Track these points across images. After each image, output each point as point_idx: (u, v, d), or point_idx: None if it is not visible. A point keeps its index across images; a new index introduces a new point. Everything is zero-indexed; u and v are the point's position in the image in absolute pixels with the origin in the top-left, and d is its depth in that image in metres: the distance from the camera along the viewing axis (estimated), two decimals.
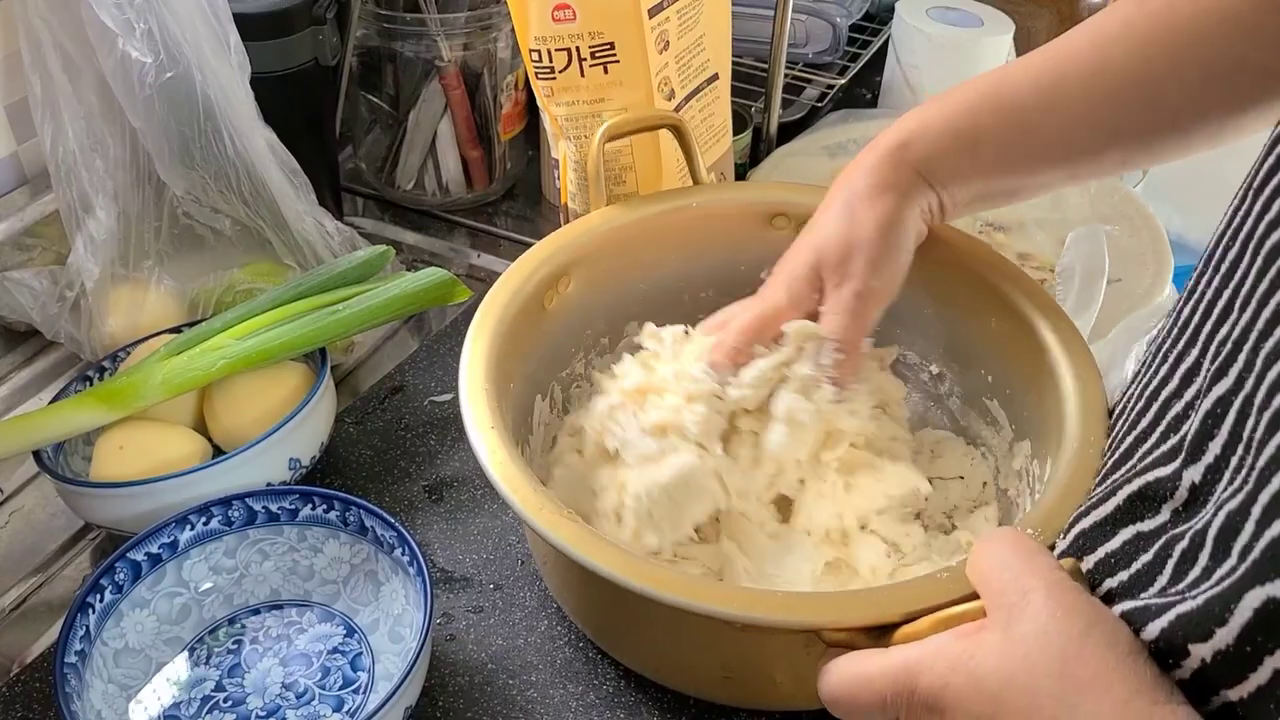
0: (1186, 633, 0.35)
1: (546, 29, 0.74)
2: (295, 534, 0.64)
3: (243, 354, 0.69)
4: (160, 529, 0.61)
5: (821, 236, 0.62)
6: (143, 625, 0.61)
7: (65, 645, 0.56)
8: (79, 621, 0.57)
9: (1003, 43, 1.05)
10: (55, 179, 0.75)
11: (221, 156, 0.76)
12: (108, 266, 0.77)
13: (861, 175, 0.61)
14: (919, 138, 0.60)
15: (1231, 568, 0.34)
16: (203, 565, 0.63)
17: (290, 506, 0.64)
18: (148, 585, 0.61)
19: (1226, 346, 0.39)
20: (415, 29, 0.93)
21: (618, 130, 0.73)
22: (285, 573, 0.65)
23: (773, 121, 1.02)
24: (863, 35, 1.22)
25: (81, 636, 0.57)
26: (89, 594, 0.58)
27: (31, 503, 0.74)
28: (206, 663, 0.61)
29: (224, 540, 0.64)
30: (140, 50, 0.70)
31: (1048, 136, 0.57)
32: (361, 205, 1.05)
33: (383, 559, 0.63)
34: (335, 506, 0.63)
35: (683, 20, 0.78)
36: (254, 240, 0.81)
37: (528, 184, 1.07)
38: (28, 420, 0.67)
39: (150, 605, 0.61)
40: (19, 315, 0.79)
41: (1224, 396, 0.37)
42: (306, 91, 0.89)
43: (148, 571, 0.61)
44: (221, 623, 0.63)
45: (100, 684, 0.58)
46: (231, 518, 0.63)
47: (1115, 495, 0.43)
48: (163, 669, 0.60)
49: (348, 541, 0.64)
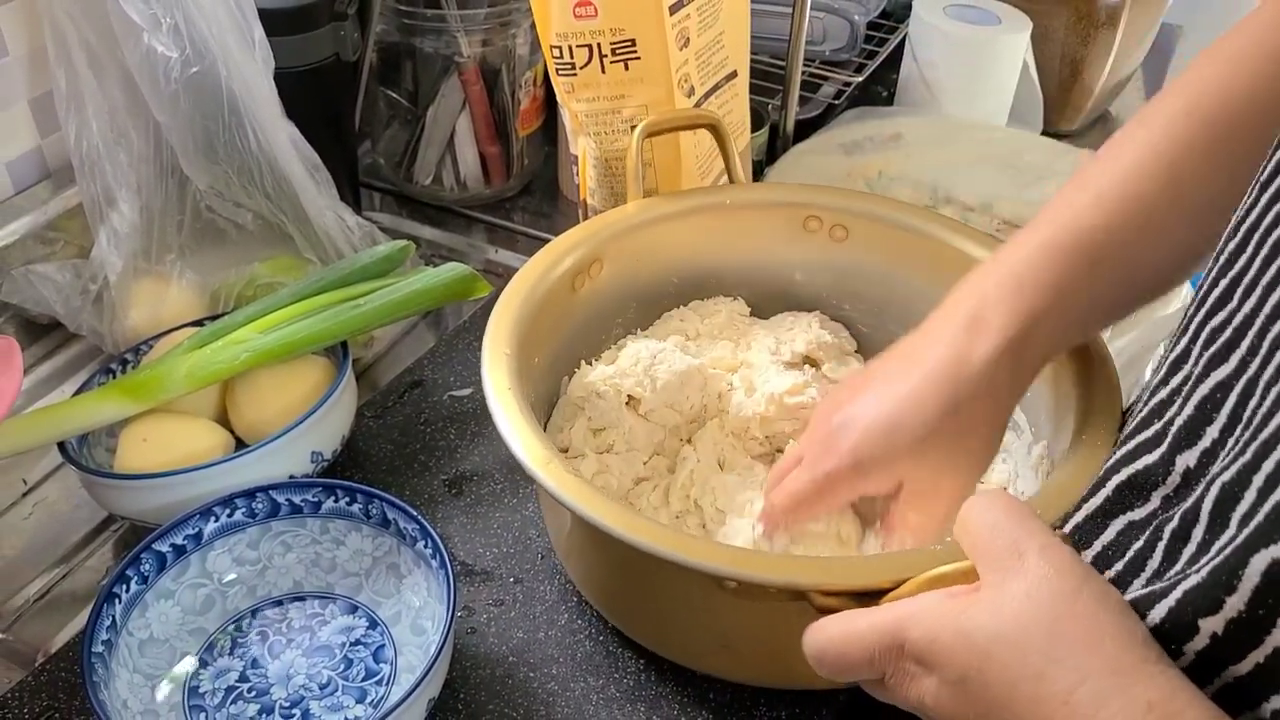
0: (1196, 607, 0.35)
1: (568, 25, 0.74)
2: (318, 526, 0.65)
3: (265, 347, 0.69)
4: (185, 520, 0.62)
5: (917, 421, 0.53)
6: (167, 616, 0.61)
7: (92, 635, 0.56)
8: (105, 611, 0.58)
9: (1020, 41, 1.05)
10: (79, 173, 0.76)
11: (245, 151, 0.76)
12: (130, 260, 0.77)
13: (981, 375, 0.52)
14: (1043, 323, 0.52)
15: (1231, 537, 0.34)
16: (226, 557, 0.64)
17: (313, 499, 0.64)
18: (172, 576, 0.62)
19: (1225, 333, 0.39)
20: (435, 25, 0.93)
21: (656, 128, 0.74)
22: (308, 565, 0.65)
23: (790, 119, 1.02)
24: (880, 33, 1.22)
25: (108, 626, 0.58)
26: (115, 584, 0.59)
27: (55, 494, 0.75)
28: (230, 653, 0.61)
29: (247, 532, 0.64)
30: (166, 45, 0.71)
31: (1149, 280, 0.55)
32: (380, 200, 1.05)
33: (405, 551, 0.63)
34: (358, 499, 0.63)
35: (703, 17, 0.79)
36: (275, 235, 0.81)
37: (545, 180, 1.07)
38: (52, 412, 0.67)
39: (175, 596, 0.62)
40: (43, 308, 0.80)
41: (1224, 382, 0.37)
42: (327, 87, 0.89)
43: (172, 562, 0.62)
44: (245, 614, 0.63)
45: (126, 673, 0.58)
46: (255, 510, 0.64)
47: (1104, 486, 0.43)
48: (186, 659, 0.61)
49: (370, 534, 0.64)
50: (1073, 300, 0.53)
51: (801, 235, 0.73)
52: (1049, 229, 0.53)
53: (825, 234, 0.71)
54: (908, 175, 1.01)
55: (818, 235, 0.72)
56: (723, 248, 0.75)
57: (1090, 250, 0.52)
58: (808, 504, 0.57)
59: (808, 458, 0.56)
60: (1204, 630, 0.35)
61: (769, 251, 0.75)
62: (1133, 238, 0.52)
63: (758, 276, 0.75)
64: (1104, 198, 0.52)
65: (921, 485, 0.54)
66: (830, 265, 0.74)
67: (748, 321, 0.75)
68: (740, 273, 0.76)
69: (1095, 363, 0.60)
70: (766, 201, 0.75)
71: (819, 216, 0.73)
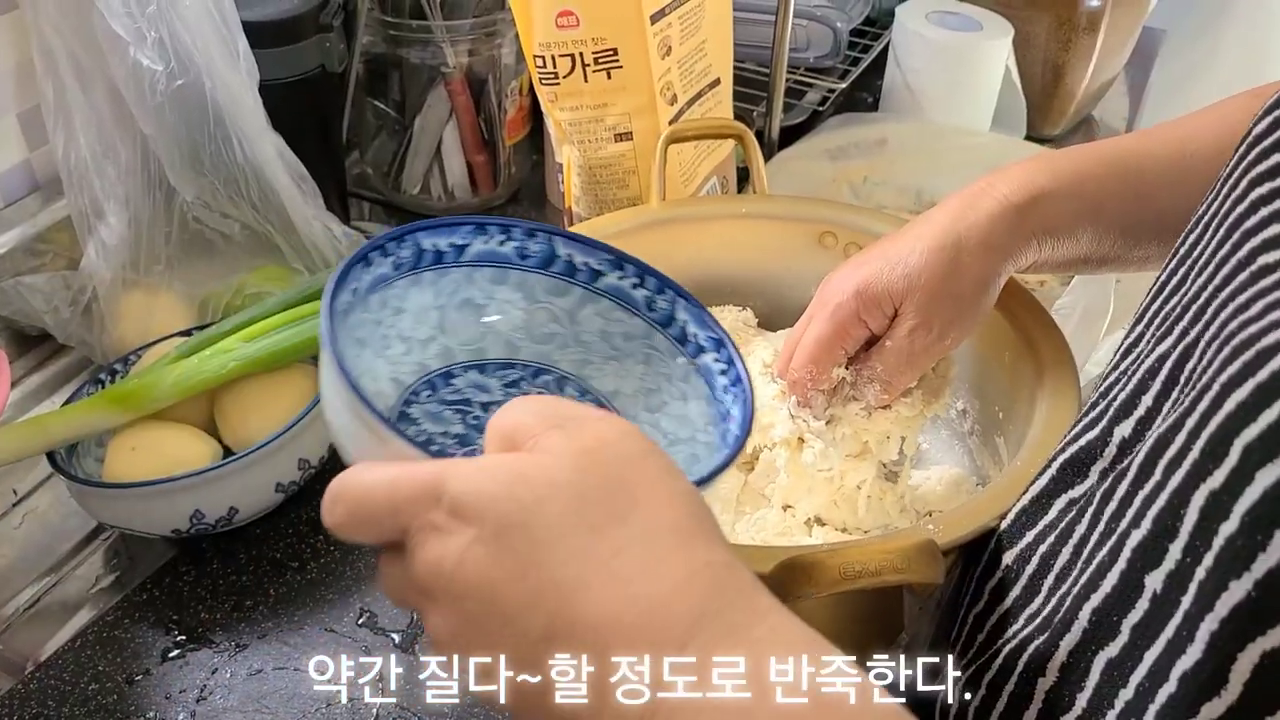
0: (1145, 564, 0.35)
1: (550, 35, 0.75)
2: (643, 329, 0.53)
3: (252, 356, 0.70)
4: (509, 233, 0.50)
5: (913, 268, 0.58)
6: (424, 315, 0.50)
7: (344, 275, 0.44)
8: (375, 259, 0.47)
9: (1002, 46, 1.06)
10: (67, 185, 0.76)
11: (231, 163, 0.77)
12: (119, 271, 0.78)
13: (977, 226, 0.57)
14: (1047, 199, 0.57)
15: (1158, 483, 0.34)
16: (518, 294, 0.52)
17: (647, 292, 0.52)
18: (460, 279, 0.51)
19: (1175, 313, 0.40)
20: (421, 36, 0.94)
21: (680, 135, 0.74)
22: (603, 360, 0.53)
23: (774, 126, 1.03)
24: (863, 39, 1.23)
25: (368, 283, 0.47)
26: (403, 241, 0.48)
27: (45, 504, 0.75)
28: (451, 384, 0.50)
29: (572, 295, 0.52)
30: (151, 58, 0.71)
31: (1166, 209, 0.56)
32: (368, 210, 1.06)
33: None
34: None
35: (685, 26, 0.80)
36: (263, 245, 0.82)
37: (532, 188, 1.08)
38: (41, 422, 0.68)
39: (440, 303, 0.51)
40: (32, 319, 0.80)
41: (1163, 353, 0.38)
42: (314, 98, 0.90)
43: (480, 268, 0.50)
44: (495, 367, 0.52)
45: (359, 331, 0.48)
46: (576, 274, 0.52)
47: (1049, 468, 0.44)
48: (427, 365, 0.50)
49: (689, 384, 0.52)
50: (1082, 190, 0.56)
51: (817, 250, 0.73)
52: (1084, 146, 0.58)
53: (840, 250, 0.72)
54: (892, 180, 1.02)
55: (833, 251, 0.72)
56: (737, 257, 0.75)
57: (1114, 158, 0.56)
58: (823, 349, 0.60)
59: (816, 313, 0.61)
60: (1148, 587, 0.35)
61: (783, 264, 0.75)
62: (1163, 164, 0.55)
63: (772, 288, 0.75)
64: (1148, 133, 0.57)
65: (913, 319, 0.59)
66: None
67: (752, 332, 0.75)
68: (754, 283, 0.76)
69: (1052, 350, 0.60)
70: (783, 214, 0.75)
71: (834, 233, 0.73)
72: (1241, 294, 0.35)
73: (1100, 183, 0.57)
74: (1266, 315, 0.33)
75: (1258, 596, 0.30)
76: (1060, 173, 0.57)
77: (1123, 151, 0.57)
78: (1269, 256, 0.35)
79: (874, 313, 0.60)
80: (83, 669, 0.64)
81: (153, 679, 0.63)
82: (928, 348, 0.60)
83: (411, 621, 0.66)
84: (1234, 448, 0.31)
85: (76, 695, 0.62)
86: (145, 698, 0.62)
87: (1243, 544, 0.30)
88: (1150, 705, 0.34)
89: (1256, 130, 0.40)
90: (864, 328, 0.60)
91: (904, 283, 0.58)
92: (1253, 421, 0.31)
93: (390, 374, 0.49)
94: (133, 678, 0.63)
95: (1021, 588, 0.45)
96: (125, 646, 0.65)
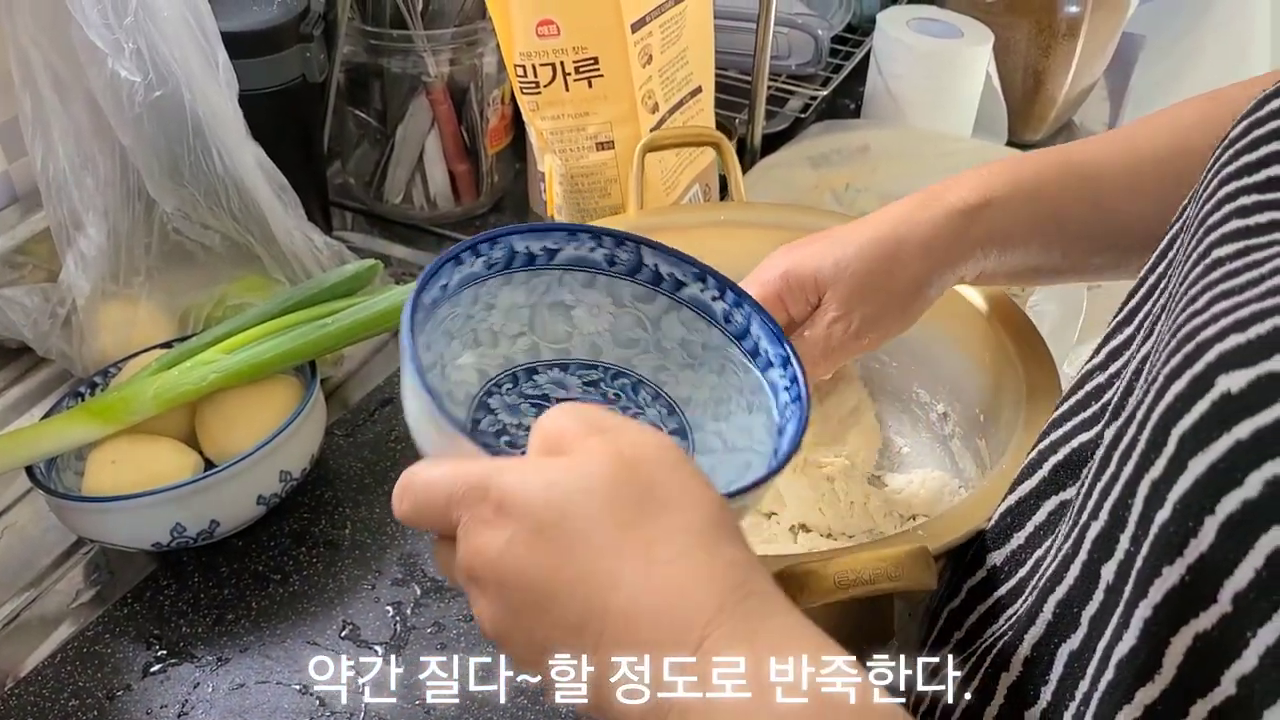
0: (1101, 555, 0.36)
1: (531, 44, 0.75)
2: (720, 340, 0.54)
3: (233, 368, 0.70)
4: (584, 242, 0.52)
5: (846, 257, 0.57)
6: (513, 312, 0.53)
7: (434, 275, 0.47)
8: (479, 250, 0.49)
9: (983, 53, 1.07)
10: (46, 197, 0.76)
11: (210, 173, 0.76)
12: (98, 283, 0.77)
13: (920, 227, 0.57)
14: (999, 206, 0.56)
15: (1112, 475, 0.35)
16: (607, 299, 0.54)
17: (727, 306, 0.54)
18: (550, 282, 0.53)
19: (1155, 314, 0.40)
20: (402, 45, 0.94)
21: (657, 143, 0.74)
22: (679, 367, 0.55)
23: (756, 133, 1.03)
24: (845, 46, 1.23)
25: (442, 286, 0.49)
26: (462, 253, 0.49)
27: (24, 518, 0.74)
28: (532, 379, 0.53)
29: (658, 303, 0.54)
30: (129, 69, 0.71)
31: (1120, 214, 0.56)
32: (350, 220, 1.06)
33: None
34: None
35: (665, 34, 0.80)
36: (243, 256, 0.81)
37: (515, 196, 1.08)
38: (20, 436, 0.68)
39: (532, 305, 0.53)
40: (11, 332, 0.80)
41: (1146, 355, 0.38)
42: (295, 108, 0.89)
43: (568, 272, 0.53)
44: (577, 367, 0.54)
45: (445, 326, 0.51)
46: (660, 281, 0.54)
47: (1040, 468, 0.44)
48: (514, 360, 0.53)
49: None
50: (1034, 196, 0.56)
51: None
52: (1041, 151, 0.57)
53: None
54: (875, 187, 1.02)
55: None
56: (716, 264, 0.73)
57: (1068, 164, 0.56)
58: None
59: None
60: (1102, 576, 0.36)
61: None
62: (1117, 169, 0.55)
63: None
64: (1101, 137, 0.57)
65: (835, 310, 0.58)
66: None
67: None
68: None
69: (1032, 351, 0.60)
70: (762, 222, 0.74)
71: None
72: (1194, 287, 0.35)
73: (1059, 188, 0.56)
74: (1210, 308, 0.33)
75: (1190, 581, 0.31)
76: (1021, 178, 0.56)
77: (1075, 156, 0.57)
78: (1222, 250, 0.36)
79: (796, 297, 0.58)
80: (63, 684, 0.63)
81: (134, 694, 0.63)
82: (844, 343, 0.58)
83: (394, 634, 0.66)
84: (1171, 437, 0.32)
85: (57, 711, 0.62)
86: (126, 713, 0.62)
87: (1175, 530, 0.31)
88: (1094, 693, 0.35)
89: (1233, 133, 0.41)
90: (784, 311, 0.59)
91: (833, 270, 0.57)
92: (1187, 412, 0.31)
93: (476, 365, 0.52)
94: (114, 693, 0.63)
95: (1009, 589, 0.45)
96: (106, 661, 0.64)
